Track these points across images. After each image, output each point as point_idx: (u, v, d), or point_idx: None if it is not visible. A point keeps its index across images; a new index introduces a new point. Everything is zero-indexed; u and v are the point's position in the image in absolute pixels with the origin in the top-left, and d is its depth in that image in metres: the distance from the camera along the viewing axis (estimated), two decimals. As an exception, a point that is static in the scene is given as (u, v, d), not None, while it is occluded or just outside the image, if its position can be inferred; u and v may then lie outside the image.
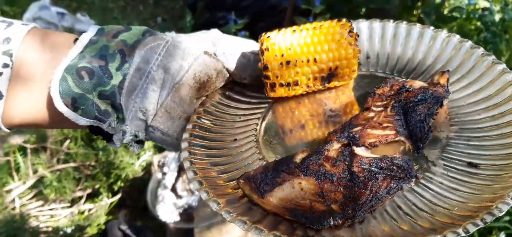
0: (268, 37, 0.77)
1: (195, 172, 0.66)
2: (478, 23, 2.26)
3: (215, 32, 0.85)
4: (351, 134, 0.65)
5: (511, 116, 0.67)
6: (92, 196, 2.22)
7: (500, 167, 0.60)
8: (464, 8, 2.31)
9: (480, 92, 0.73)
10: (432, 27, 0.85)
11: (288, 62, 0.75)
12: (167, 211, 2.25)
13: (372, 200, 0.57)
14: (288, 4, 2.74)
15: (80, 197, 2.19)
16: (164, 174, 2.32)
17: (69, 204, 2.17)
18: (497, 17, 2.18)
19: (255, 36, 0.84)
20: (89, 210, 2.14)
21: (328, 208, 0.57)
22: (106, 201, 2.15)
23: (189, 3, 3.40)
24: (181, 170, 2.36)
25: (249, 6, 3.02)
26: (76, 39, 0.81)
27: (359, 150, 0.63)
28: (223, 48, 0.82)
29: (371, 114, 0.68)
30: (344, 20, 0.77)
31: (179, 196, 2.28)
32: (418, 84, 0.71)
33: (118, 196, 2.21)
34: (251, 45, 0.85)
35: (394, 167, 0.59)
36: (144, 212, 2.24)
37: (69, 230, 2.11)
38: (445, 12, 2.47)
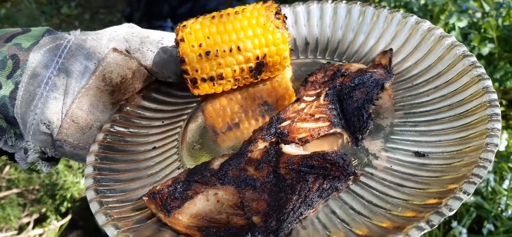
0: (184, 26, 0.66)
1: (97, 191, 0.55)
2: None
3: (127, 27, 0.74)
4: (278, 130, 0.55)
5: (464, 94, 0.58)
6: (40, 221, 2.07)
7: (451, 155, 0.51)
8: None
9: (428, 70, 0.65)
10: (373, 4, 0.76)
11: (207, 53, 0.65)
12: (118, 226, 2.11)
13: (300, 207, 0.47)
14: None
15: (28, 223, 2.04)
16: (112, 188, 2.18)
17: (16, 232, 2.02)
18: (422, 2, 2.23)
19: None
20: (40, 235, 1.99)
21: (248, 222, 0.47)
22: (55, 224, 2.00)
23: (126, 15, 3.31)
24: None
25: (186, 13, 2.93)
26: None
27: (288, 148, 0.53)
28: (138, 44, 0.72)
29: (302, 105, 0.58)
30: (269, 1, 0.68)
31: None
32: (355, 66, 0.62)
33: (68, 218, 2.07)
34: (173, 38, 0.75)
35: (327, 165, 0.50)
36: (96, 232, 2.10)
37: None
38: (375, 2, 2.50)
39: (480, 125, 0.53)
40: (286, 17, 0.68)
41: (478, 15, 2.30)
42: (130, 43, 0.71)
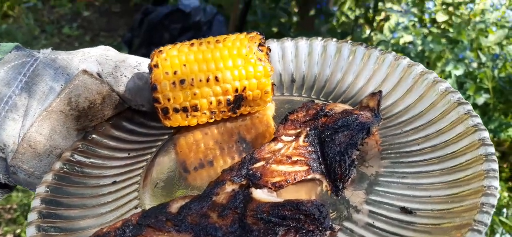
0: (160, 51, 0.61)
1: (39, 228, 0.48)
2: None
3: (102, 49, 0.69)
4: (250, 172, 0.49)
5: (457, 145, 0.53)
6: (14, 242, 1.98)
7: (441, 213, 0.45)
8: (389, 41, 2.38)
9: (420, 117, 0.60)
10: (364, 44, 0.72)
11: (182, 81, 0.60)
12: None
13: (266, 265, 0.41)
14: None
15: (1, 243, 1.95)
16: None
17: (-12, 251, 1.93)
18: (419, 48, 2.27)
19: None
20: (13, 255, 1.89)
21: (204, 279, 0.40)
22: (29, 246, 1.91)
23: (126, 40, 3.31)
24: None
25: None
26: None
27: (259, 193, 0.47)
28: (111, 68, 0.66)
29: (279, 146, 0.52)
30: (254, 33, 0.63)
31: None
32: (340, 107, 0.57)
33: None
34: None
35: (301, 216, 0.44)
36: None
37: (-10, 279, 1.85)
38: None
39: (475, 181, 0.47)
40: (269, 50, 0.63)
41: (474, 65, 2.30)
42: (103, 66, 0.66)
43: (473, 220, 0.42)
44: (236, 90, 0.61)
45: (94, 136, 0.66)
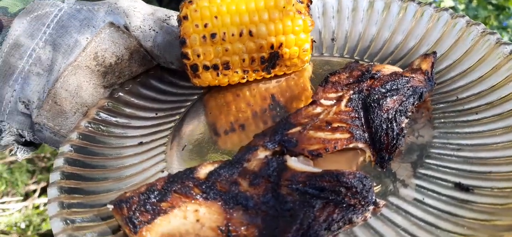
0: (190, 2, 0.56)
1: (61, 189, 0.46)
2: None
3: (130, 0, 0.65)
4: (285, 138, 0.44)
5: None
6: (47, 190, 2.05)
7: (504, 192, 0.39)
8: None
9: (479, 83, 0.53)
10: (417, 0, 0.64)
11: (213, 35, 0.55)
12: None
13: (301, 241, 0.36)
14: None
15: (34, 191, 2.00)
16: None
17: (22, 198, 1.98)
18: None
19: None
20: (44, 204, 1.95)
21: (231, 253, 0.36)
22: (62, 195, 1.98)
23: None
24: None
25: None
26: None
27: (294, 162, 0.42)
28: (139, 21, 0.62)
29: (318, 110, 0.47)
30: None
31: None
32: (389, 69, 0.50)
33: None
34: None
35: (342, 189, 0.39)
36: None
37: (23, 225, 1.91)
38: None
39: None
40: (311, 1, 0.57)
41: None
42: (130, 19, 0.62)
43: None
44: (272, 47, 0.56)
45: (120, 94, 0.63)
